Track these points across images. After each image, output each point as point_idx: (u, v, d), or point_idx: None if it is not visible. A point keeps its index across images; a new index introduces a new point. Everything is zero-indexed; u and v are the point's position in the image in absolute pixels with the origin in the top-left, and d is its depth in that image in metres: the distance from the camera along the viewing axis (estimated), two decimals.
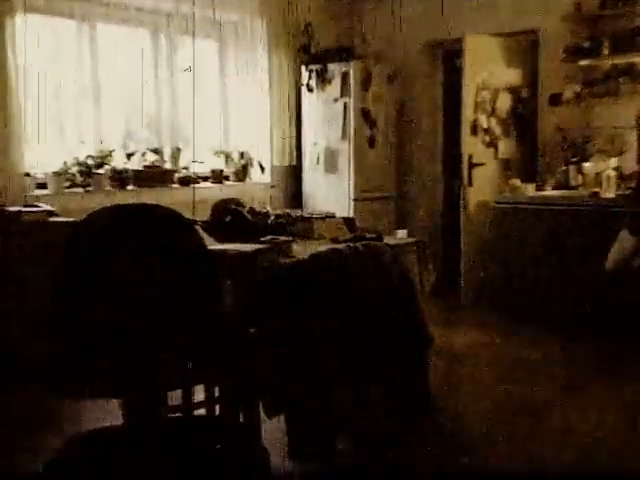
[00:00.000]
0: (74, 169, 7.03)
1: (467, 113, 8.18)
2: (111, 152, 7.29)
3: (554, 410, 5.27)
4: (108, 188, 7.17)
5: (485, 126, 8.30)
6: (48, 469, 2.63)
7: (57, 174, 6.87)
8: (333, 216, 5.60)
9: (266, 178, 8.78)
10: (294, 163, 9.10)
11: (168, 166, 7.84)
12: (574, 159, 7.85)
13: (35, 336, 4.93)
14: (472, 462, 4.47)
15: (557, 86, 8.09)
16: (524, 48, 8.52)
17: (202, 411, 4.62)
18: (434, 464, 4.45)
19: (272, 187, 8.81)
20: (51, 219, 5.99)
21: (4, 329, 5.55)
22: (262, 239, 4.62)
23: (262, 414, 4.00)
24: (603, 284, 6.73)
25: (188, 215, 3.30)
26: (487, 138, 8.36)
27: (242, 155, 8.60)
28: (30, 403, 5.24)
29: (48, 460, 2.65)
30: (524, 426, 4.99)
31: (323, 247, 4.31)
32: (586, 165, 7.71)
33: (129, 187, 7.33)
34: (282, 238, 4.69)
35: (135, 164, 7.51)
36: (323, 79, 8.83)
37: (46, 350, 2.87)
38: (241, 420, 4.03)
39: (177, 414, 4.34)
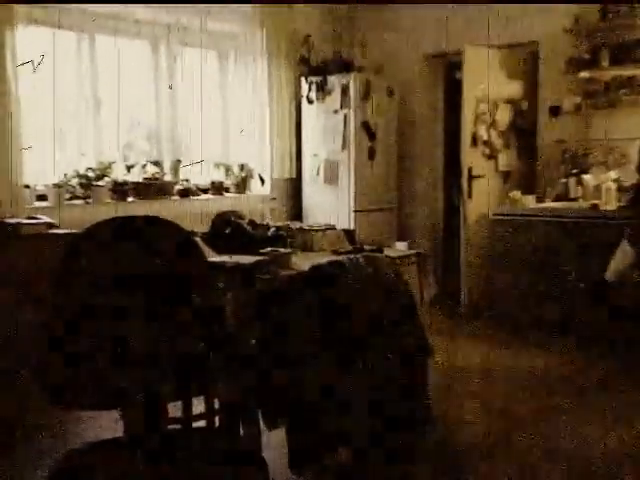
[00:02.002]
0: (74, 181, 7.03)
1: (467, 125, 8.19)
2: (111, 164, 7.29)
3: (556, 421, 5.26)
4: (108, 200, 7.17)
5: (485, 138, 8.32)
6: None
7: (57, 186, 6.87)
8: (333, 228, 5.61)
9: (266, 190, 8.78)
10: (294, 175, 9.11)
11: (168, 178, 7.84)
12: (574, 171, 7.86)
13: (34, 348, 4.93)
14: (472, 475, 4.47)
15: (557, 98, 8.10)
16: (524, 60, 8.54)
17: (202, 423, 4.62)
18: (433, 474, 4.45)
19: (272, 199, 8.81)
20: (51, 231, 5.99)
21: (4, 341, 5.55)
22: (262, 251, 4.63)
23: (262, 426, 4.00)
24: (603, 295, 6.73)
25: (188, 227, 3.30)
26: (487, 150, 8.37)
27: (242, 167, 8.60)
28: (31, 415, 5.23)
29: (49, 472, 2.64)
30: (525, 438, 4.98)
31: (323, 259, 4.31)
32: (586, 177, 7.72)
33: (129, 199, 7.33)
34: (282, 250, 4.69)
35: (135, 176, 7.51)
36: (323, 91, 8.85)
37: (45, 362, 2.86)
38: (241, 432, 4.02)
39: (177, 426, 4.33)
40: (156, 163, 7.74)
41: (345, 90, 8.69)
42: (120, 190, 7.26)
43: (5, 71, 6.39)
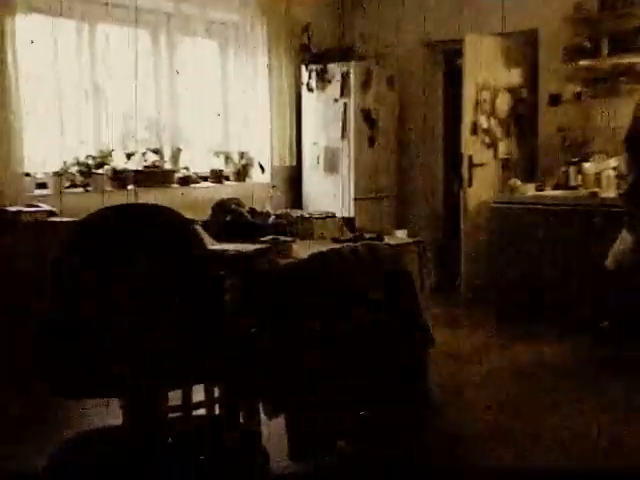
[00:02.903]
0: (74, 169, 7.02)
1: (467, 113, 8.18)
2: (111, 152, 7.28)
3: (556, 410, 5.27)
4: (108, 188, 7.16)
5: (485, 126, 8.31)
6: (48, 468, 2.63)
7: (57, 174, 6.86)
8: (333, 216, 5.60)
9: (266, 178, 8.78)
10: (294, 163, 9.10)
11: (168, 166, 7.84)
12: (574, 159, 7.86)
13: (35, 336, 4.93)
14: (473, 463, 4.48)
15: (557, 86, 8.10)
16: (524, 48, 8.52)
17: (202, 411, 4.63)
18: (434, 465, 4.46)
19: (272, 187, 8.81)
20: (51, 219, 5.99)
21: (4, 329, 5.56)
22: (262, 239, 4.63)
23: (262, 414, 4.00)
24: (604, 283, 6.73)
25: (188, 215, 3.30)
26: (487, 138, 8.36)
27: (242, 155, 8.60)
28: (30, 402, 5.24)
29: (48, 459, 2.65)
30: (526, 427, 4.99)
31: (323, 247, 4.31)
32: (586, 165, 7.72)
33: (129, 187, 7.32)
34: (282, 238, 4.69)
35: (135, 164, 7.51)
36: (323, 79, 8.83)
37: (45, 349, 2.87)
38: (241, 420, 4.03)
39: (177, 414, 4.34)
40: (156, 151, 7.74)
41: (345, 78, 8.67)
42: (120, 178, 7.25)
43: (5, 59, 6.37)
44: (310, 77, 8.96)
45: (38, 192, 6.76)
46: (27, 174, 6.68)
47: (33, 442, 4.65)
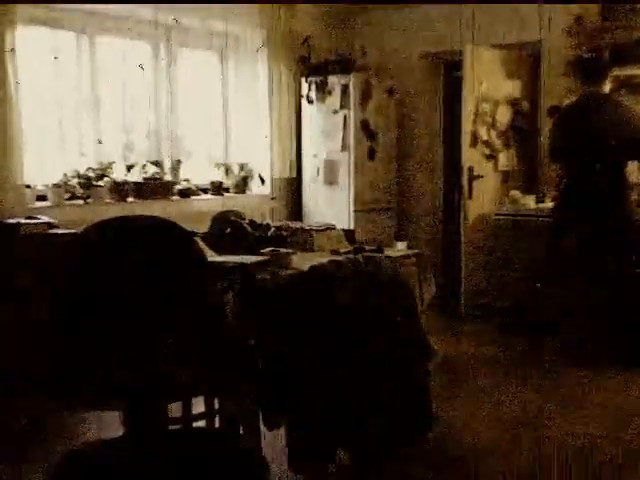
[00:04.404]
0: (74, 181, 7.02)
1: (467, 125, 8.18)
2: (111, 164, 7.28)
3: (556, 421, 5.26)
4: (108, 200, 7.17)
5: (485, 138, 8.31)
6: None
7: (57, 186, 6.87)
8: (333, 228, 5.60)
9: (266, 190, 8.78)
10: (294, 175, 9.10)
11: (168, 178, 7.84)
12: None
13: (35, 348, 4.93)
14: (473, 474, 4.47)
15: (557, 98, 8.09)
16: (525, 60, 8.54)
17: (202, 423, 4.62)
18: (434, 475, 4.45)
19: (272, 199, 8.81)
20: (51, 231, 5.99)
21: (4, 342, 5.55)
22: (262, 251, 4.63)
23: (262, 425, 4.00)
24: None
25: (188, 227, 3.29)
26: (487, 150, 8.36)
27: (242, 167, 8.60)
28: (30, 416, 5.23)
29: (48, 473, 2.64)
30: (525, 438, 4.98)
31: (323, 259, 4.30)
32: None
33: (129, 199, 7.32)
34: (282, 250, 4.68)
35: (135, 176, 7.51)
36: (323, 91, 8.83)
37: (46, 362, 2.86)
38: (241, 432, 4.02)
39: (177, 426, 4.33)
40: (156, 163, 7.74)
41: (345, 90, 8.68)
42: (120, 190, 7.25)
43: (5, 71, 6.38)
44: (310, 89, 8.96)
45: (38, 204, 6.75)
46: (27, 186, 6.68)
47: (31, 457, 4.65)
